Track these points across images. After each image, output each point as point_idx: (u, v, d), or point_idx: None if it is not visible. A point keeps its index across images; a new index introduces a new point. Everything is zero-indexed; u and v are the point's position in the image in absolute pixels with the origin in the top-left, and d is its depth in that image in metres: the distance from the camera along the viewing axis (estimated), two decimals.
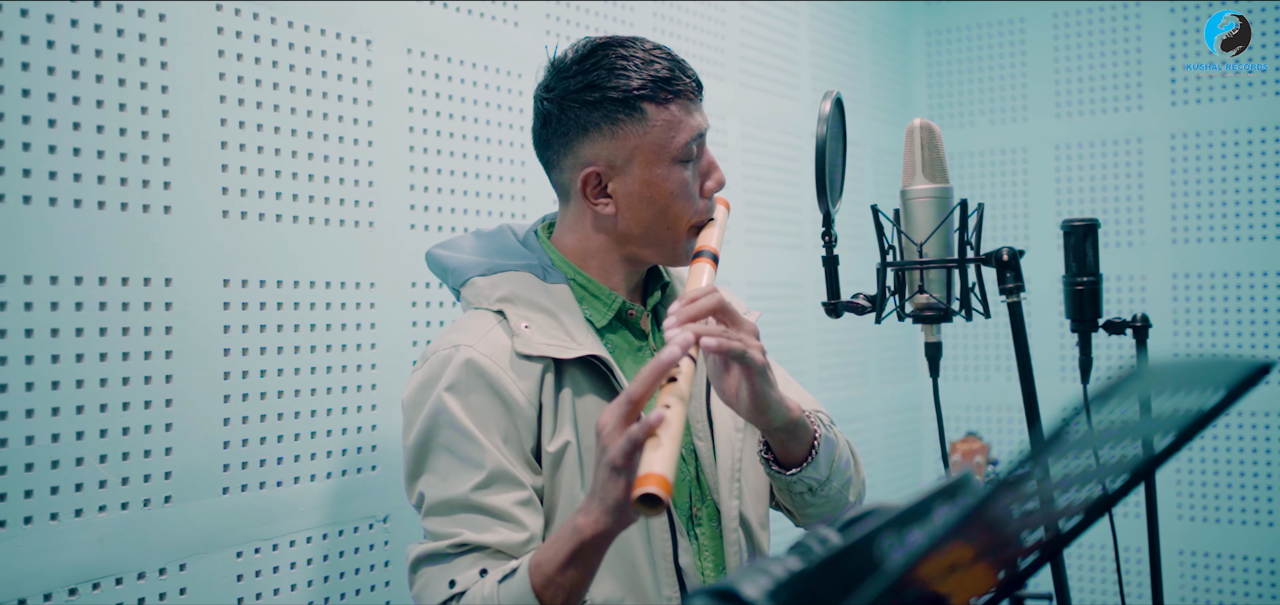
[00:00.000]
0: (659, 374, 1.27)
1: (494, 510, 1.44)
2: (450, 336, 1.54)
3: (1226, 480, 3.47)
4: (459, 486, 1.46)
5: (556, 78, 1.56)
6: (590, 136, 1.53)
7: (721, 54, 3.00)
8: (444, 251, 1.66)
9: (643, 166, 1.53)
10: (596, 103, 1.52)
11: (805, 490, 1.55)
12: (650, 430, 1.21)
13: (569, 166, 1.57)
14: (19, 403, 1.52)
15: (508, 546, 1.43)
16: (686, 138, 1.53)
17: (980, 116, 3.89)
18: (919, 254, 1.61)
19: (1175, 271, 3.56)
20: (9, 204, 1.51)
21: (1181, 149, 3.55)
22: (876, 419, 3.72)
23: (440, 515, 1.47)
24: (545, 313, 1.54)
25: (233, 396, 1.79)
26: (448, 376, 1.48)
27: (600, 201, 1.56)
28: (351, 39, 1.99)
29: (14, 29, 1.52)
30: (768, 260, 3.17)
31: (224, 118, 1.78)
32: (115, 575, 1.62)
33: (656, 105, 1.52)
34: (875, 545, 0.79)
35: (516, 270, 1.59)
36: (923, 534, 0.76)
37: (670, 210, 1.55)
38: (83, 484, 1.59)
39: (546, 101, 1.56)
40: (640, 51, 1.54)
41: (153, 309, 1.68)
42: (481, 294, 1.58)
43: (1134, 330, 1.80)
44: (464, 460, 1.46)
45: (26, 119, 1.53)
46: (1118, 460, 0.89)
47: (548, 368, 1.51)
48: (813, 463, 1.52)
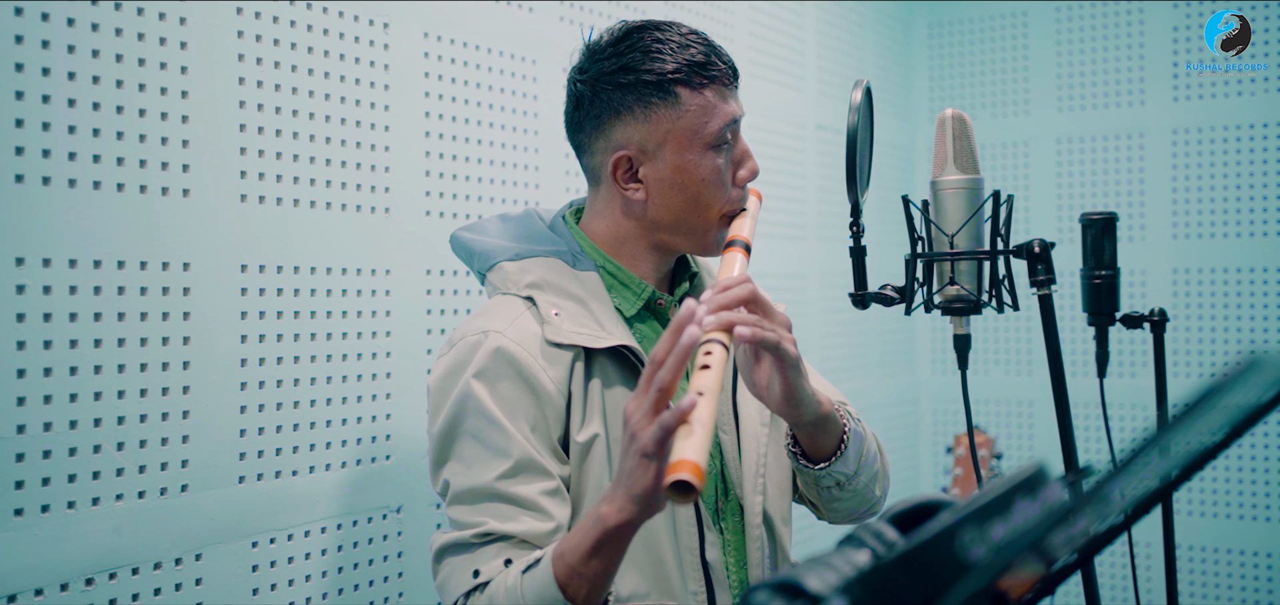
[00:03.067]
0: (683, 358, 1.20)
1: (520, 499, 1.42)
2: (478, 322, 1.51)
3: (1237, 476, 3.48)
4: (485, 475, 1.43)
5: (591, 60, 1.54)
6: (623, 119, 1.51)
7: (730, 46, 2.99)
8: (470, 234, 1.64)
9: (675, 151, 1.50)
10: (630, 85, 1.49)
11: (833, 484, 1.54)
12: (683, 417, 1.17)
13: (600, 150, 1.55)
14: (36, 389, 1.49)
15: (533, 536, 1.40)
16: (720, 124, 1.51)
17: (982, 110, 3.89)
18: (950, 245, 1.60)
19: (1176, 266, 3.56)
20: (28, 186, 1.48)
21: (1184, 144, 3.56)
22: (876, 412, 3.72)
23: (465, 504, 1.44)
24: (575, 300, 1.52)
25: (249, 384, 1.77)
26: (476, 362, 1.46)
27: (631, 186, 1.53)
28: (369, 22, 1.96)
29: (34, 9, 1.49)
30: (771, 251, 3.15)
31: (242, 101, 1.75)
32: (131, 565, 1.60)
33: (691, 90, 1.49)
34: (955, 542, 0.77)
35: (546, 256, 1.56)
36: (1006, 530, 0.75)
37: (701, 197, 1.52)
38: (100, 472, 1.56)
39: (580, 83, 1.54)
40: (676, 35, 1.52)
41: (170, 294, 1.65)
42: (510, 279, 1.55)
43: (1151, 324, 1.79)
44: (490, 448, 1.44)
45: (46, 98, 1.50)
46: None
47: (578, 356, 1.49)
48: (842, 457, 1.50)
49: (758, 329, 1.33)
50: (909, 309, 1.65)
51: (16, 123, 1.47)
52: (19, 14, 1.48)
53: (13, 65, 1.47)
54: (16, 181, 1.47)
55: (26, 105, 1.48)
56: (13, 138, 1.47)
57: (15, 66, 1.47)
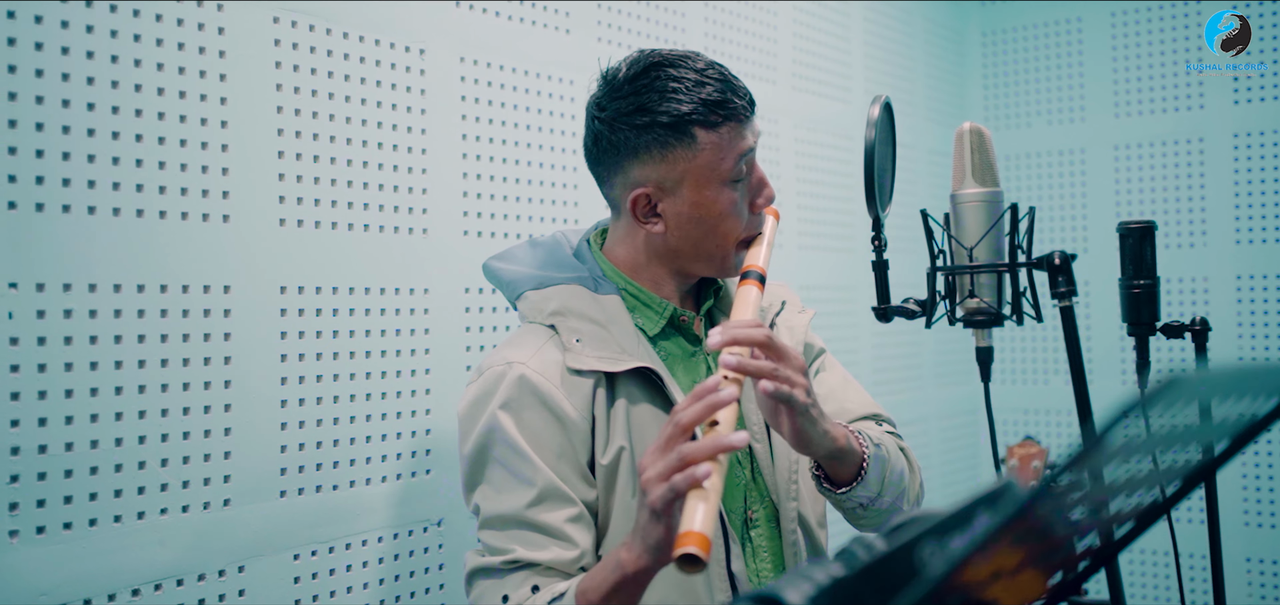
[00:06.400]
0: (707, 413, 1.28)
1: (546, 527, 1.48)
2: (504, 353, 1.57)
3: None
4: (513, 502, 1.49)
5: (608, 96, 1.56)
6: (640, 159, 1.54)
7: (773, 58, 3.00)
8: (500, 263, 1.69)
9: (692, 189, 1.54)
10: (646, 126, 1.52)
11: (856, 506, 1.56)
12: (695, 482, 1.22)
13: (619, 185, 1.58)
14: (84, 408, 1.57)
15: (559, 564, 1.47)
16: (736, 158, 1.53)
17: (1037, 117, 3.84)
18: (969, 258, 1.60)
19: (1239, 273, 3.49)
20: (75, 214, 1.56)
21: (1245, 148, 3.48)
22: (932, 423, 3.69)
23: (495, 529, 1.51)
24: (596, 324, 1.56)
25: (290, 401, 1.83)
26: (501, 393, 1.52)
27: (650, 221, 1.57)
28: (405, 48, 2.02)
29: (80, 45, 1.57)
30: (821, 264, 3.16)
31: (281, 128, 1.82)
32: (176, 576, 1.66)
33: (706, 129, 1.52)
34: (916, 553, 0.79)
35: (568, 283, 1.61)
36: (963, 541, 0.76)
37: (719, 228, 1.56)
38: (145, 487, 1.63)
39: (598, 121, 1.57)
40: (691, 72, 1.53)
41: (212, 315, 1.72)
42: (535, 308, 1.60)
43: (1192, 333, 1.77)
44: (517, 477, 1.50)
45: (91, 132, 1.58)
46: (1166, 467, 0.88)
47: (599, 382, 1.53)
48: (862, 482, 1.53)
49: (773, 379, 1.37)
50: (930, 322, 1.65)
51: (63, 156, 1.55)
52: (66, 53, 1.55)
53: (60, 102, 1.55)
54: (63, 211, 1.55)
55: (73, 139, 1.56)
56: (60, 170, 1.54)
57: (62, 103, 1.55)
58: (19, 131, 1.51)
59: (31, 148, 1.52)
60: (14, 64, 1.50)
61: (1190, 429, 0.84)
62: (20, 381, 1.50)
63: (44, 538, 1.52)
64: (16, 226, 1.50)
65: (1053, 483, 0.69)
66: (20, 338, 1.50)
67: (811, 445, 1.44)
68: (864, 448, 1.53)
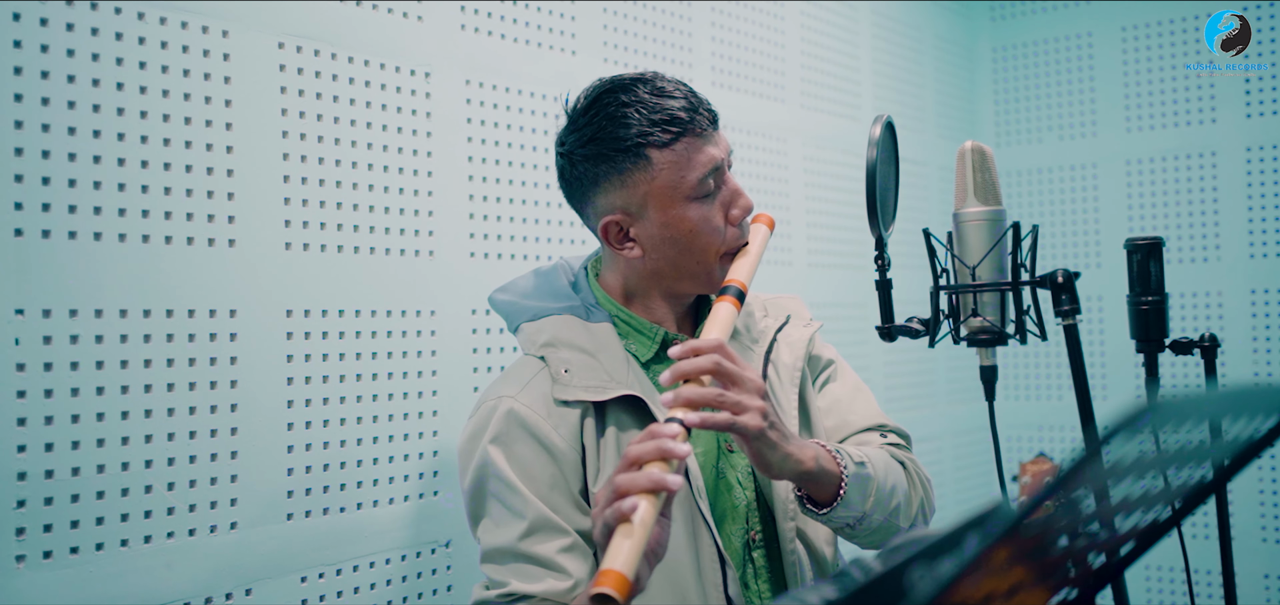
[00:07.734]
0: (657, 453, 1.26)
1: (540, 559, 1.49)
2: (497, 387, 1.59)
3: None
4: (507, 535, 1.51)
5: (568, 130, 1.58)
6: (602, 187, 1.55)
7: (781, 77, 3.00)
8: (502, 296, 1.71)
9: (658, 209, 1.54)
10: (601, 156, 1.53)
11: (843, 526, 1.53)
12: (622, 516, 1.22)
13: (591, 215, 1.60)
14: (90, 433, 1.58)
15: (553, 595, 1.48)
16: (699, 174, 1.52)
17: (1048, 133, 3.83)
18: (972, 277, 1.60)
19: (1254, 287, 3.46)
20: (81, 240, 1.57)
21: (1259, 162, 3.46)
22: (945, 440, 3.67)
23: (495, 562, 1.53)
24: (585, 354, 1.57)
25: (296, 425, 1.83)
26: (492, 428, 1.54)
27: (626, 247, 1.57)
28: (411, 72, 2.03)
29: (85, 73, 1.58)
30: (831, 281, 3.15)
31: (286, 152, 1.83)
32: (183, 599, 1.67)
33: (659, 149, 1.51)
34: (905, 576, 0.78)
35: (561, 313, 1.62)
36: (952, 563, 0.76)
37: (695, 245, 1.55)
38: (152, 511, 1.64)
39: (560, 155, 1.59)
40: (644, 91, 1.53)
41: (218, 340, 1.73)
42: (529, 339, 1.63)
43: (1201, 350, 1.76)
44: (510, 510, 1.52)
45: (97, 159, 1.59)
46: (1163, 489, 0.88)
47: (587, 412, 1.54)
48: (842, 503, 1.48)
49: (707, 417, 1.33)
50: (933, 342, 1.65)
51: (69, 183, 1.56)
52: (72, 81, 1.57)
53: (65, 129, 1.56)
54: (70, 238, 1.56)
55: (79, 167, 1.57)
56: (66, 197, 1.56)
57: (68, 130, 1.56)
58: (25, 159, 1.52)
59: (38, 175, 1.53)
60: (20, 93, 1.52)
61: (1185, 451, 0.84)
62: (27, 407, 1.52)
63: (51, 562, 1.53)
64: (23, 253, 1.52)
65: (1036, 506, 0.68)
66: (27, 363, 1.52)
67: (772, 469, 1.41)
68: (842, 468, 1.47)
